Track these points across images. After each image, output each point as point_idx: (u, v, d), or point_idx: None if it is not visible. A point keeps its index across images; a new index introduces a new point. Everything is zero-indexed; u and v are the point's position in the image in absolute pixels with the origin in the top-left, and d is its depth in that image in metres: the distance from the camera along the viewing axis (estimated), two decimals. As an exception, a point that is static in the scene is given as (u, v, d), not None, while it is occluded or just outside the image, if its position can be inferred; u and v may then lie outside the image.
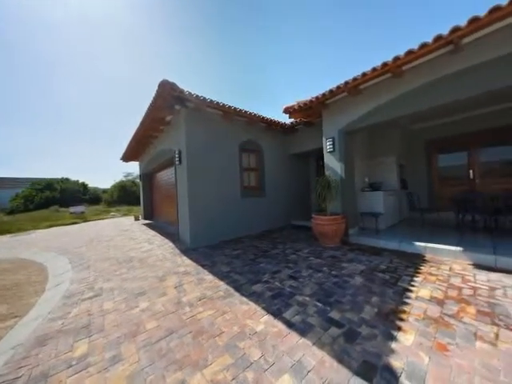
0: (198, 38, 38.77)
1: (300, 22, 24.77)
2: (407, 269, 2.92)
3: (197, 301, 2.39)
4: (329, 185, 4.42)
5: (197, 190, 4.76)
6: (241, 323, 1.95)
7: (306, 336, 1.73)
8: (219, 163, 5.20)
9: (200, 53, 56.64)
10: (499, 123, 5.29)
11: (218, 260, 3.74)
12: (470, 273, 2.69)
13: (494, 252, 2.99)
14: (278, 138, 6.85)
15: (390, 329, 1.75)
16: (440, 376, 1.31)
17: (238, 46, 47.52)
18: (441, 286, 2.39)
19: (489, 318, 1.81)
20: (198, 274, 3.15)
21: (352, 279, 2.69)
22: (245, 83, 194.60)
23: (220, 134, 5.29)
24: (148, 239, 5.75)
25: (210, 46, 44.93)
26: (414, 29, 29.58)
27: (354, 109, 4.38)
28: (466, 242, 3.55)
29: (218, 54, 56.93)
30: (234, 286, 2.71)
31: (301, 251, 3.97)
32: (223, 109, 4.91)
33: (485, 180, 5.57)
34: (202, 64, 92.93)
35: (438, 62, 3.27)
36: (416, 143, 6.69)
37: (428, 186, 6.51)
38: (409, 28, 31.77)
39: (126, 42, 60.34)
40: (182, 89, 4.07)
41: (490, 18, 2.53)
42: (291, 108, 5.04)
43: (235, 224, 5.40)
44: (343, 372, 1.38)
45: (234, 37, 36.09)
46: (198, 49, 54.19)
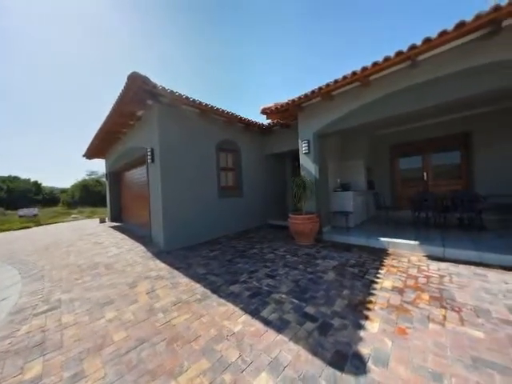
0: (177, 35, 37.22)
1: (283, 24, 25.33)
2: (374, 262, 3.18)
3: (171, 306, 2.28)
4: (304, 185, 4.60)
5: (171, 190, 4.54)
6: (218, 325, 1.92)
7: (282, 333, 1.77)
8: (195, 162, 5.04)
9: (178, 50, 54.33)
10: (446, 132, 6.09)
11: (194, 262, 3.62)
12: (424, 263, 3.04)
13: (442, 245, 3.42)
14: (256, 139, 6.90)
15: (358, 319, 1.89)
16: (401, 357, 1.46)
17: (218, 45, 46.81)
18: (401, 277, 2.65)
19: (439, 302, 2.07)
20: (172, 278, 3.01)
21: (325, 275, 2.84)
22: (225, 83, 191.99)
23: (196, 132, 5.13)
24: (116, 243, 5.31)
25: (189, 45, 43.43)
26: (397, 38, 32.26)
27: (328, 113, 4.63)
28: (421, 236, 4.00)
29: (198, 52, 55.29)
30: (211, 287, 2.65)
31: (278, 250, 4.06)
32: (200, 106, 4.77)
33: (436, 181, 6.36)
34: (179, 62, 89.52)
35: (399, 75, 3.63)
36: (381, 148, 7.33)
37: (391, 186, 7.19)
38: (390, 37, 34.54)
39: (95, 33, 55.16)
40: (154, 83, 3.85)
41: (439, 40, 2.89)
42: (268, 109, 5.12)
43: (212, 224, 5.29)
44: (317, 363, 1.45)
45: (216, 36, 35.43)
46: (175, 46, 51.97)
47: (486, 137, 5.56)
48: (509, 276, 2.51)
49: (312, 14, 25.42)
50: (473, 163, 5.77)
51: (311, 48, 38.23)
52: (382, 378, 1.31)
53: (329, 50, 50.92)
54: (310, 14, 30.05)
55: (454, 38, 2.89)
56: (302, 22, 21.32)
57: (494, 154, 5.44)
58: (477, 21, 2.60)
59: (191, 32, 27.56)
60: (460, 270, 2.76)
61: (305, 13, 18.86)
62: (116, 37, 57.76)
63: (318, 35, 24.30)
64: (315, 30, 24.17)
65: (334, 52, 51.47)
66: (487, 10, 2.52)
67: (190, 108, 4.89)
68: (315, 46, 36.41)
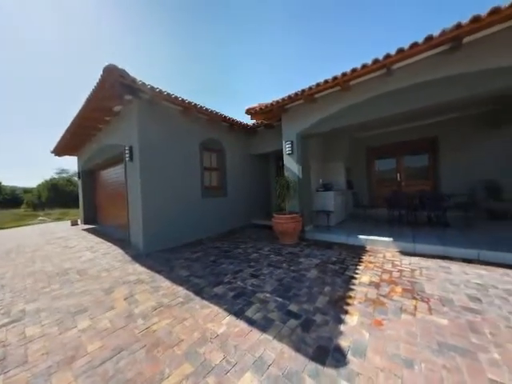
0: (161, 32, 35.70)
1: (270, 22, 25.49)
2: (353, 259, 3.34)
3: (152, 311, 2.19)
4: (288, 185, 4.69)
5: (151, 190, 4.35)
6: (202, 328, 1.88)
7: (266, 331, 1.79)
8: (178, 161, 4.88)
9: (165, 48, 51.94)
10: (416, 136, 6.60)
11: (177, 264, 3.51)
12: (397, 258, 3.26)
13: (413, 241, 3.70)
14: (240, 139, 6.88)
15: (339, 313, 1.97)
16: (377, 347, 1.55)
17: (204, 43, 45.79)
18: (377, 272, 2.82)
19: (410, 294, 2.24)
20: (153, 282, 2.88)
21: (308, 272, 2.92)
22: (211, 82, 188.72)
23: (179, 130, 4.98)
24: (90, 247, 4.96)
25: (175, 42, 41.85)
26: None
27: (310, 115, 4.77)
28: (394, 233, 4.29)
29: (184, 50, 53.57)
30: (194, 290, 2.59)
31: (262, 249, 4.09)
32: (183, 104, 4.64)
33: (408, 182, 6.85)
34: (164, 60, 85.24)
35: (376, 82, 3.85)
36: (359, 150, 7.72)
37: (368, 186, 7.60)
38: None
39: (72, 26, 50.66)
40: (133, 77, 3.66)
41: (411, 51, 3.12)
42: (253, 109, 5.14)
43: (195, 225, 5.17)
44: (301, 359, 1.49)
45: (203, 34, 34.60)
46: (161, 43, 49.65)
47: (449, 142, 6.12)
48: (469, 268, 2.79)
49: (300, 16, 26.14)
50: (439, 165, 6.32)
51: (299, 50, 38.40)
52: (360, 369, 1.38)
53: (317, 53, 51.95)
54: (298, 16, 30.77)
55: (423, 50, 3.14)
56: (291, 24, 21.76)
57: (456, 158, 6.01)
58: (442, 36, 2.85)
59: (178, 30, 26.49)
60: (428, 263, 3.01)
61: (293, 15, 19.40)
62: (98, 34, 53.47)
63: (305, 37, 24.66)
64: (303, 32, 24.57)
65: (323, 55, 52.63)
66: (450, 27, 2.77)
67: (172, 105, 4.73)
68: (304, 48, 36.51)
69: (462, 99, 3.29)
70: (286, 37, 26.09)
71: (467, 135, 5.88)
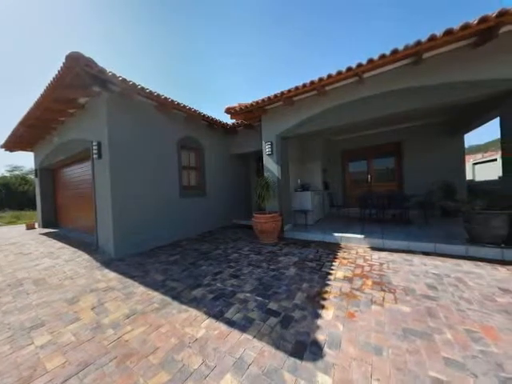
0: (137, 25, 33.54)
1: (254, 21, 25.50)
2: (329, 256, 3.50)
3: (124, 319, 2.04)
4: (267, 185, 4.75)
5: (123, 190, 4.07)
6: (179, 333, 1.81)
7: (246, 331, 1.79)
8: (153, 160, 4.64)
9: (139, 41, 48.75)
10: (384, 141, 7.18)
11: (152, 268, 3.33)
12: (368, 254, 3.51)
13: (382, 237, 4.02)
14: (220, 138, 6.78)
15: (316, 309, 2.06)
16: (350, 338, 1.65)
17: (182, 39, 44.10)
18: (351, 267, 3.00)
19: (379, 286, 2.42)
20: (125, 288, 2.70)
21: (287, 271, 2.99)
22: (189, 81, 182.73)
23: (155, 127, 4.73)
24: (50, 253, 4.46)
25: (152, 39, 39.59)
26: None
27: (289, 117, 4.89)
28: (366, 230, 4.61)
29: (162, 48, 50.93)
30: (171, 294, 2.49)
31: (242, 249, 4.08)
32: (158, 99, 4.42)
33: (377, 183, 7.41)
34: (143, 57, 79.94)
35: (349, 88, 4.09)
36: (335, 152, 8.14)
37: (343, 187, 8.06)
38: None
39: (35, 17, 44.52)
40: (102, 67, 3.38)
41: (379, 62, 3.38)
42: (233, 109, 5.10)
43: (173, 226, 4.96)
44: (280, 356, 1.52)
45: (179, 28, 33.23)
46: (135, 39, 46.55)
47: (412, 147, 6.78)
48: (427, 259, 3.12)
49: (280, 21, 26.47)
50: (403, 168, 6.95)
51: (277, 54, 40.19)
52: (335, 360, 1.46)
53: (293, 59, 55.18)
54: (277, 20, 31.17)
55: (390, 62, 3.43)
56: (269, 27, 22.14)
57: (417, 161, 6.67)
58: (405, 50, 3.14)
59: (155, 26, 25.17)
60: (394, 257, 3.29)
61: (273, 18, 19.58)
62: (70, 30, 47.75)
63: (283, 41, 25.54)
64: (282, 37, 25.31)
65: (299, 61, 56.59)
66: (412, 43, 3.06)
67: (146, 100, 4.48)
68: (281, 53, 38.29)
69: (423, 109, 3.66)
70: (265, 39, 26.61)
71: (427, 141, 6.56)
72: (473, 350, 1.47)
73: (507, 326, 1.69)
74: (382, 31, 78.39)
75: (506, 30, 2.85)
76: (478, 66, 3.09)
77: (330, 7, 53.12)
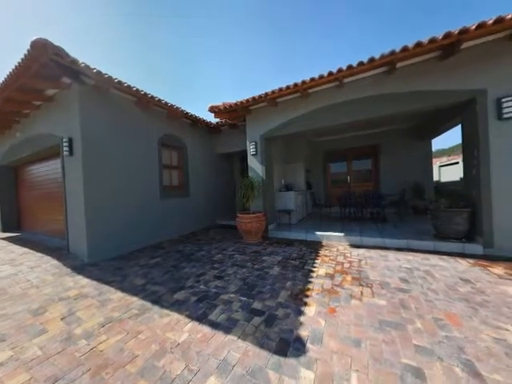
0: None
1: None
2: (311, 254, 3.61)
3: (99, 328, 1.91)
4: (252, 185, 4.76)
5: (98, 190, 3.82)
6: (160, 339, 1.74)
7: (231, 333, 1.78)
8: (132, 158, 4.41)
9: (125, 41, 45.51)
10: (362, 143, 7.57)
11: (131, 272, 3.16)
12: (348, 251, 3.68)
13: (360, 234, 4.23)
14: (204, 137, 6.65)
15: (299, 306, 2.11)
16: (331, 333, 1.71)
17: (166, 33, 42.35)
18: (332, 264, 3.12)
19: (358, 281, 2.55)
20: (100, 295, 2.53)
21: (271, 270, 3.02)
22: (175, 78, 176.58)
23: (134, 124, 4.50)
24: (11, 260, 4.02)
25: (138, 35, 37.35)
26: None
27: (273, 118, 4.95)
28: (345, 228, 4.82)
29: (148, 43, 48.32)
30: (151, 299, 2.38)
31: (226, 250, 4.04)
32: (137, 94, 4.21)
33: (356, 183, 7.80)
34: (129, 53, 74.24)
35: (330, 92, 4.25)
36: (317, 153, 8.41)
37: (324, 187, 8.35)
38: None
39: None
40: (74, 58, 3.14)
41: (358, 69, 3.55)
42: (217, 108, 5.04)
43: (154, 228, 4.76)
44: (264, 355, 1.53)
45: (162, 23, 31.86)
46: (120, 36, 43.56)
47: (387, 149, 7.24)
48: (400, 255, 3.35)
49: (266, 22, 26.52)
50: (379, 169, 7.40)
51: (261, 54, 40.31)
52: (318, 355, 1.51)
53: (276, 62, 55.71)
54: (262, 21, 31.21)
55: (368, 69, 3.62)
56: (253, 26, 22.00)
57: (391, 163, 7.14)
58: (381, 59, 3.34)
59: (136, 19, 23.54)
60: (371, 253, 3.49)
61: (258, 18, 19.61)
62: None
63: (263, 44, 25.62)
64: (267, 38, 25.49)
65: (282, 65, 57.42)
66: (387, 52, 3.27)
67: (125, 95, 4.25)
68: (266, 54, 38.55)
69: (396, 114, 3.93)
70: (248, 38, 26.57)
71: (400, 144, 7.05)
72: (439, 336, 1.61)
73: (467, 312, 1.87)
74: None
75: (466, 47, 3.16)
76: (442, 78, 3.39)
77: (322, 10, 53.34)
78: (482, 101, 3.16)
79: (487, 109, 3.13)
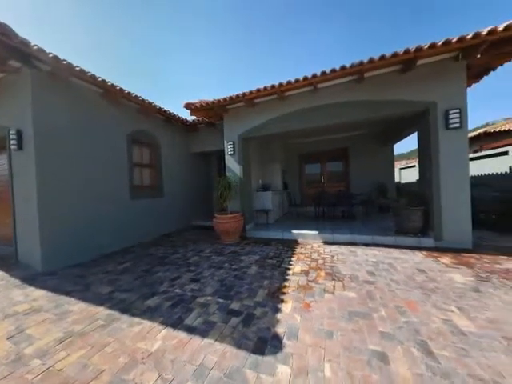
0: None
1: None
2: (287, 252, 3.71)
3: (56, 345, 1.71)
4: (229, 185, 4.71)
5: (54, 190, 3.41)
6: (130, 350, 1.62)
7: (207, 336, 1.74)
8: (96, 154, 4.03)
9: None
10: (335, 146, 8.04)
11: (95, 280, 2.89)
12: (322, 248, 3.87)
13: (332, 232, 4.49)
14: (179, 135, 6.38)
15: (276, 304, 2.15)
16: (306, 327, 1.78)
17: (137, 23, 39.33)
18: (307, 261, 3.25)
19: (330, 276, 2.70)
20: (57, 308, 2.26)
21: (249, 269, 3.03)
22: (145, 69, 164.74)
23: (100, 117, 4.12)
24: None
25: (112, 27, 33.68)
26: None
27: (251, 119, 4.97)
28: (319, 227, 5.07)
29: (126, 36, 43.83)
30: (119, 307, 2.20)
31: (203, 252, 3.94)
32: (104, 86, 3.86)
33: (329, 184, 8.24)
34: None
35: (306, 96, 4.42)
36: (293, 154, 8.68)
37: (300, 187, 8.65)
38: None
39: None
40: (24, 39, 2.76)
41: (330, 76, 3.76)
42: (193, 105, 4.88)
43: (123, 231, 4.42)
44: (242, 355, 1.52)
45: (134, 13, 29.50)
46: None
47: (356, 152, 7.80)
48: (368, 250, 3.64)
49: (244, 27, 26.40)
50: (349, 171, 7.93)
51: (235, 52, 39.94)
52: (294, 350, 1.55)
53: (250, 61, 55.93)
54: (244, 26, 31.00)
55: (340, 76, 3.85)
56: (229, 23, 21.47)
57: (360, 165, 7.72)
58: (351, 68, 3.58)
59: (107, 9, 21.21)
60: (342, 249, 3.72)
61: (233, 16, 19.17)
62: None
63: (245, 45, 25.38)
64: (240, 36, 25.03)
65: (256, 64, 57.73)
66: (356, 62, 3.52)
67: (90, 86, 3.86)
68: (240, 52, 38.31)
69: (363, 120, 4.25)
70: (223, 35, 26.15)
71: (367, 148, 7.65)
72: (400, 322, 1.79)
73: (422, 298, 2.11)
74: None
75: (421, 63, 3.56)
76: (403, 89, 3.77)
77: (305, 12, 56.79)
78: (434, 112, 3.59)
79: (437, 119, 3.57)
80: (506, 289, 2.22)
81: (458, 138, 3.48)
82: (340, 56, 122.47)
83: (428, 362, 1.39)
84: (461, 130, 3.45)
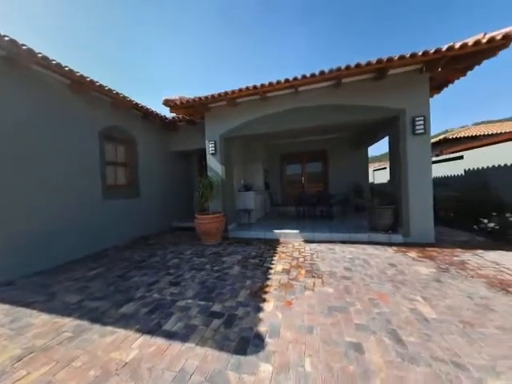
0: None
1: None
2: (269, 252, 3.75)
3: (14, 363, 1.52)
4: (211, 185, 4.63)
5: (9, 190, 3.05)
6: (102, 362, 1.51)
7: (188, 340, 1.69)
8: (62, 150, 3.69)
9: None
10: (315, 148, 8.32)
11: (61, 289, 2.64)
12: (302, 247, 3.98)
13: (313, 231, 4.64)
14: (158, 132, 6.11)
15: (258, 303, 2.16)
16: (287, 324, 1.82)
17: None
18: (288, 260, 3.32)
19: (310, 273, 2.79)
20: (15, 322, 2.02)
21: (231, 270, 3.01)
22: (124, 63, 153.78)
23: (66, 110, 3.77)
24: None
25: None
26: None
27: (233, 118, 4.94)
28: (300, 226, 5.21)
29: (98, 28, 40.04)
30: (90, 317, 2.04)
31: (183, 253, 3.81)
32: (71, 76, 3.55)
33: (309, 184, 8.51)
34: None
35: (288, 98, 4.51)
36: (275, 155, 8.80)
37: (281, 187, 8.81)
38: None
39: None
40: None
41: (310, 79, 3.89)
42: (172, 102, 4.70)
43: (94, 234, 4.10)
44: (224, 357, 1.51)
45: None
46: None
47: (334, 154, 8.17)
48: (345, 247, 3.83)
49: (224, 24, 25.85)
50: (328, 172, 8.27)
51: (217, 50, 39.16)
52: (275, 347, 1.58)
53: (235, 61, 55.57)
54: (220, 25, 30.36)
55: (319, 81, 4.00)
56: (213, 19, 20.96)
57: (338, 167, 8.09)
58: (330, 73, 3.74)
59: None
60: (322, 247, 3.87)
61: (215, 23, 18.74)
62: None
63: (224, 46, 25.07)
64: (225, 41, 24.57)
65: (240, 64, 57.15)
66: (335, 68, 3.69)
67: (55, 75, 3.52)
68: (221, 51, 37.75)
69: (341, 123, 4.47)
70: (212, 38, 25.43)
71: (344, 151, 8.04)
72: (373, 314, 1.91)
73: (393, 291, 2.29)
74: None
75: (392, 73, 3.85)
76: (377, 96, 4.04)
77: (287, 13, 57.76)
78: (403, 118, 3.91)
79: (406, 125, 3.89)
80: (462, 278, 2.49)
81: (422, 142, 3.82)
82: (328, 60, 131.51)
83: (397, 348, 1.51)
84: (425, 136, 3.81)
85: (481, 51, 3.23)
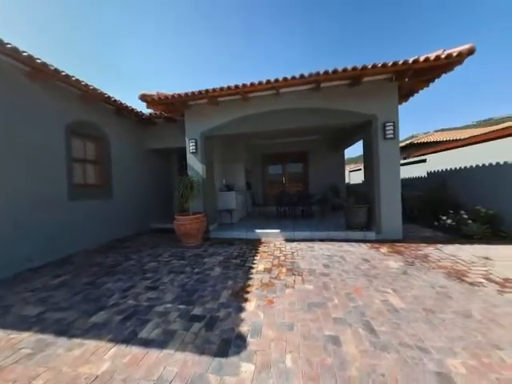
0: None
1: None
2: (251, 251, 3.76)
3: (-44, 389, 1.32)
4: (191, 185, 4.50)
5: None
6: (69, 377, 1.38)
7: (167, 347, 1.62)
8: (20, 146, 3.30)
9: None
10: (295, 149, 8.54)
11: (18, 300, 2.36)
12: (283, 245, 4.06)
13: (293, 230, 4.76)
14: (134, 129, 5.77)
15: (240, 303, 2.15)
16: (269, 323, 1.84)
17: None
18: (270, 259, 3.36)
19: (291, 272, 2.86)
20: (-41, 340, 1.75)
21: (212, 271, 2.95)
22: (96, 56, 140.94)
23: (26, 101, 3.38)
24: None
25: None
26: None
27: (214, 117, 4.86)
28: (281, 225, 5.31)
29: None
30: (54, 330, 1.85)
31: (162, 256, 3.65)
32: (31, 63, 3.19)
33: (290, 184, 8.71)
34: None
35: (269, 99, 4.56)
36: (256, 155, 8.85)
37: (262, 187, 8.89)
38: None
39: None
40: None
41: (291, 82, 3.98)
42: (149, 97, 4.47)
43: (59, 238, 3.73)
44: (205, 361, 1.47)
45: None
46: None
47: (314, 156, 8.47)
48: (323, 245, 3.99)
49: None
50: (308, 172, 8.55)
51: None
52: (257, 346, 1.58)
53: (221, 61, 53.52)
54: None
55: (299, 84, 4.11)
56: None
57: (317, 167, 8.41)
58: (309, 77, 3.87)
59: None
60: (302, 246, 3.99)
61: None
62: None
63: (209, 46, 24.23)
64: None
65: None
66: (314, 72, 3.82)
67: (13, 61, 3.13)
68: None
69: (320, 126, 4.65)
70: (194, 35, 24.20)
71: (322, 152, 8.38)
72: (349, 307, 2.02)
73: (366, 284, 2.44)
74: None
75: (367, 80, 4.10)
76: (352, 101, 4.28)
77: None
78: (375, 123, 4.19)
79: (378, 130, 4.18)
80: (425, 270, 2.75)
81: (392, 146, 4.14)
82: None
83: (371, 338, 1.61)
84: (394, 140, 4.13)
85: (440, 66, 3.60)
